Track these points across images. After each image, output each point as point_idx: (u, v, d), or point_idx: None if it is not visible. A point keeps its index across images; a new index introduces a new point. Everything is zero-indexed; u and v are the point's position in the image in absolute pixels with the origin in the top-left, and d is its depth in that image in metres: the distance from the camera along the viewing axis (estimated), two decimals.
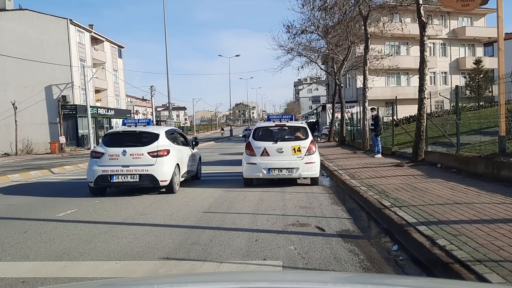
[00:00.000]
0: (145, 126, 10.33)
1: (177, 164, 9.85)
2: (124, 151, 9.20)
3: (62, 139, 36.30)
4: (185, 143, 11.63)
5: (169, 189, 9.52)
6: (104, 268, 4.47)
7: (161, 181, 9.20)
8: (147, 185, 9.36)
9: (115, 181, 9.17)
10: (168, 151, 9.51)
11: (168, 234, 5.81)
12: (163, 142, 9.58)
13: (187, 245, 5.19)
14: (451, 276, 3.58)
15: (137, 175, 9.11)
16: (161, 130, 10.06)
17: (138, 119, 11.08)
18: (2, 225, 6.79)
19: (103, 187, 9.51)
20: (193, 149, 11.94)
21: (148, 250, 5.02)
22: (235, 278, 2.22)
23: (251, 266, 4.42)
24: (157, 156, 9.26)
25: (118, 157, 9.19)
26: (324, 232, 5.67)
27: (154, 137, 9.62)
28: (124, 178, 9.13)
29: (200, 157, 12.76)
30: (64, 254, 5.01)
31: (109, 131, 11.51)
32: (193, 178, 11.84)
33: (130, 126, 10.27)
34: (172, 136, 10.57)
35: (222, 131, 68.77)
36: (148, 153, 9.26)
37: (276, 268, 4.32)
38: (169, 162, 9.44)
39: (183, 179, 10.52)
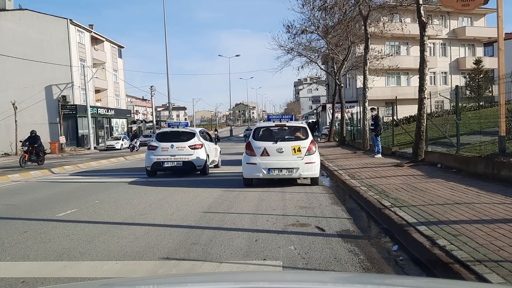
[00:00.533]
0: (184, 127, 13.84)
1: (207, 155, 13.29)
2: (172, 145, 12.79)
3: (62, 139, 36.30)
4: (210, 139, 15.00)
5: (203, 171, 12.98)
6: (104, 268, 4.47)
7: (197, 166, 12.75)
8: (187, 169, 12.78)
9: (165, 165, 12.76)
10: (201, 145, 13.04)
11: (168, 234, 5.80)
12: (198, 139, 13.15)
13: (187, 245, 5.19)
14: (451, 276, 3.58)
15: (181, 162, 12.67)
16: (196, 130, 13.69)
17: (180, 122, 14.63)
18: (2, 225, 6.79)
19: (157, 170, 13.08)
20: (216, 144, 15.36)
21: (148, 250, 5.02)
22: (235, 278, 2.22)
23: (251, 266, 4.42)
24: (195, 148, 12.82)
25: (167, 149, 12.74)
26: (324, 232, 5.67)
27: (192, 135, 13.22)
28: (172, 163, 12.72)
29: (220, 150, 16.06)
30: (64, 254, 5.01)
31: (160, 131, 15.73)
32: (215, 167, 14.86)
33: (174, 127, 13.80)
34: (202, 135, 14.07)
35: (216, 133, 67.15)
36: (189, 146, 12.83)
37: (276, 268, 4.32)
38: (202, 152, 12.96)
39: (212, 165, 14.18)
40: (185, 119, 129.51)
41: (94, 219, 7.03)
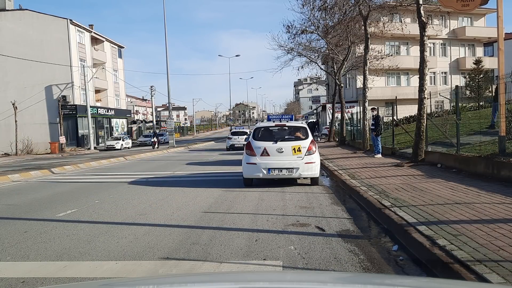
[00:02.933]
0: (242, 128, 33.02)
1: None
2: (238, 136, 27.95)
3: (62, 139, 36.30)
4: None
5: None
6: (104, 268, 4.47)
7: None
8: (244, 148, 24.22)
9: (235, 146, 27.06)
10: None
11: (168, 234, 5.80)
12: (248, 134, 21.17)
13: (187, 245, 5.19)
14: (451, 276, 3.58)
15: (241, 144, 25.08)
16: (247, 130, 30.17)
17: (240, 127, 40.40)
18: (2, 225, 6.80)
19: (231, 148, 27.28)
20: None
21: (148, 250, 5.02)
22: (235, 278, 2.22)
23: (251, 266, 4.42)
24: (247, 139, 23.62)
25: (236, 139, 27.77)
26: (324, 232, 5.67)
27: (246, 132, 28.38)
28: (237, 145, 26.77)
29: None
30: (64, 254, 5.01)
31: (232, 130, 31.69)
32: None
33: (237, 128, 33.37)
34: (250, 132, 22.47)
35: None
36: (244, 137, 25.46)
37: (276, 268, 4.32)
38: None
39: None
40: (185, 119, 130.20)
41: (94, 219, 7.03)
